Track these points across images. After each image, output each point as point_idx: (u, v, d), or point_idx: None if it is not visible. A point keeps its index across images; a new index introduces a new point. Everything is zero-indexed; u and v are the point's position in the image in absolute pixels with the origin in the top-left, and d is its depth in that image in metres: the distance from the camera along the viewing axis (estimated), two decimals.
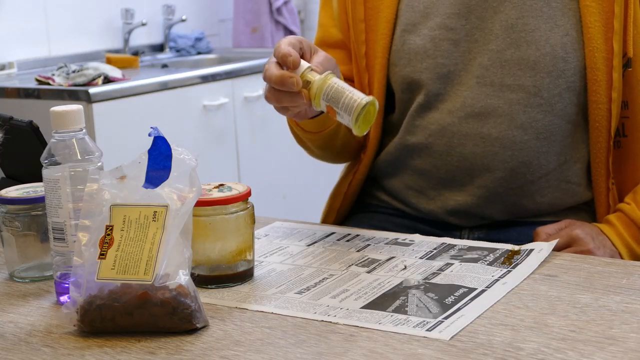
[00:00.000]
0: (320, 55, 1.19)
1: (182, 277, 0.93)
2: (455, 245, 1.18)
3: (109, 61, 3.28)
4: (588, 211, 1.34)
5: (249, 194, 1.07)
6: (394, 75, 1.36)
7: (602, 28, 1.24)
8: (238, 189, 1.07)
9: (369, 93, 1.38)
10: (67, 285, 1.00)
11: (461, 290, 1.01)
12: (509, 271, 1.06)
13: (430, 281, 1.05)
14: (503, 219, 1.33)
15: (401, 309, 0.96)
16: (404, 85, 1.35)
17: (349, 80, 1.41)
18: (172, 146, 0.95)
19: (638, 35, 1.25)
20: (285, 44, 1.14)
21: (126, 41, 3.59)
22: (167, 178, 0.96)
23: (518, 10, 1.28)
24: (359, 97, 1.10)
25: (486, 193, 1.30)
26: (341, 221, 1.45)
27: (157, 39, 3.79)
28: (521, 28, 1.28)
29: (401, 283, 1.04)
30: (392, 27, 1.36)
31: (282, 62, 1.13)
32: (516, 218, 1.34)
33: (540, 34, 1.27)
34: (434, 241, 1.20)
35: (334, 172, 1.54)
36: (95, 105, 2.73)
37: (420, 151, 1.34)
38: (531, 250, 1.13)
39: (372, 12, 1.37)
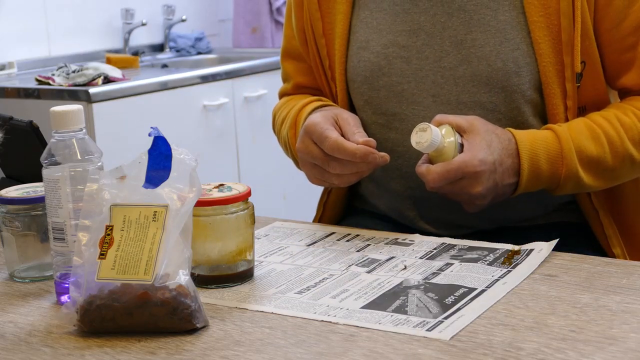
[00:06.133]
0: (351, 122, 1.24)
1: (182, 277, 0.93)
2: (455, 245, 1.18)
3: (109, 61, 3.28)
4: (575, 210, 1.33)
5: (249, 194, 1.07)
6: (353, 91, 1.36)
7: (551, 42, 1.22)
8: (238, 189, 1.07)
9: (336, 104, 1.38)
10: (67, 285, 1.00)
11: (461, 290, 1.01)
12: (509, 271, 1.06)
13: (430, 281, 1.05)
14: (492, 227, 1.33)
15: (401, 309, 0.96)
16: (361, 102, 1.35)
17: (312, 89, 1.44)
18: (172, 146, 0.95)
19: (591, 46, 1.23)
20: (345, 142, 1.19)
21: (126, 41, 3.59)
22: (167, 178, 0.96)
23: (466, 26, 1.26)
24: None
25: (463, 209, 1.26)
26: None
27: (157, 39, 3.80)
28: (470, 44, 1.25)
29: (401, 283, 1.04)
30: (346, 43, 1.35)
31: (365, 161, 1.18)
32: (506, 224, 1.33)
33: (490, 49, 1.24)
34: (434, 241, 1.20)
35: None
36: (95, 105, 2.73)
37: (392, 173, 1.34)
38: (531, 250, 1.13)
39: (330, 26, 1.36)
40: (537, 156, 1.20)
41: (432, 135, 1.14)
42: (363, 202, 1.45)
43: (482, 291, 1.00)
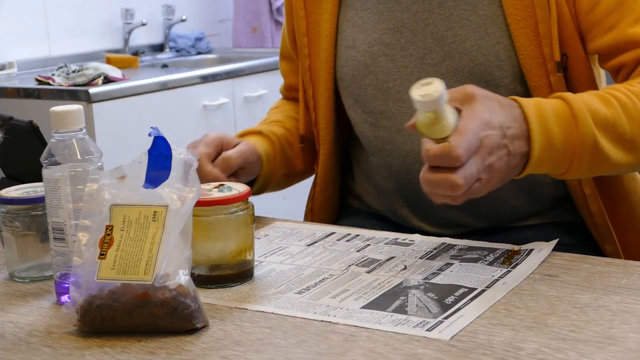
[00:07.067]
0: (243, 145, 1.31)
1: (182, 277, 0.93)
2: (455, 245, 1.18)
3: (109, 61, 3.28)
4: (572, 209, 1.32)
5: (249, 193, 1.07)
6: (343, 90, 1.37)
7: (530, 34, 1.21)
8: (238, 189, 1.07)
9: (314, 106, 1.40)
10: (67, 285, 1.00)
11: (461, 290, 1.01)
12: (509, 271, 1.06)
13: (430, 281, 1.05)
14: (486, 226, 1.32)
15: (401, 309, 0.96)
16: (351, 101, 1.35)
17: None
18: (172, 146, 0.95)
19: (570, 37, 1.22)
20: (206, 163, 1.26)
21: (126, 41, 3.59)
22: (167, 178, 0.96)
23: (447, 22, 1.26)
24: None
25: (455, 205, 1.18)
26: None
27: (157, 39, 3.80)
28: (452, 39, 1.25)
29: (401, 283, 1.04)
30: (334, 41, 1.36)
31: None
32: (501, 224, 1.33)
33: (471, 44, 1.24)
34: (434, 241, 1.20)
35: None
36: (95, 105, 2.73)
37: (383, 172, 1.34)
38: (531, 250, 1.13)
39: (314, 25, 1.37)
40: (545, 119, 1.08)
41: (441, 86, 0.97)
42: (359, 201, 1.45)
43: (482, 291, 1.00)
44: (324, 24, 1.36)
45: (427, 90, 0.97)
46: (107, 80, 2.85)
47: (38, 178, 1.06)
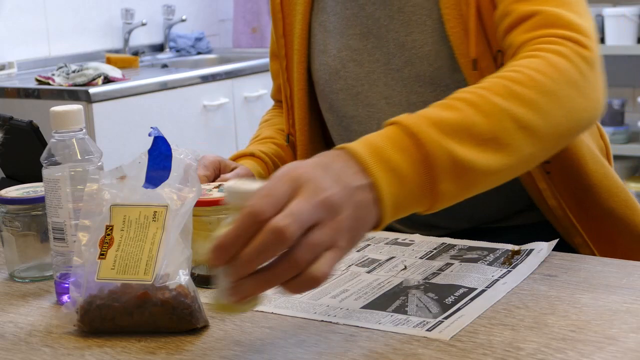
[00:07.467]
0: (241, 169, 1.29)
1: (182, 277, 0.93)
2: (455, 245, 1.18)
3: (109, 61, 3.28)
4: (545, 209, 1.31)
5: None
6: (318, 94, 1.38)
7: (461, 33, 1.20)
8: None
9: (291, 106, 1.41)
10: (67, 285, 1.00)
11: (461, 290, 1.01)
12: (509, 271, 1.06)
13: (430, 281, 1.05)
14: (465, 228, 1.32)
15: (401, 309, 0.96)
16: (326, 105, 1.37)
17: None
18: (172, 146, 0.95)
19: (496, 33, 1.17)
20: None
21: (126, 41, 3.59)
22: (167, 178, 0.96)
23: (406, 27, 1.26)
24: None
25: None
26: None
27: (157, 39, 3.80)
28: (411, 45, 1.25)
29: (401, 283, 1.04)
30: (306, 44, 1.36)
31: None
32: (483, 224, 1.33)
33: (429, 48, 1.24)
34: (434, 241, 1.20)
35: None
36: (95, 105, 2.73)
37: None
38: (531, 250, 1.13)
39: (289, 27, 1.38)
40: (376, 148, 0.89)
41: (257, 183, 0.81)
42: None
43: (482, 291, 1.00)
44: (297, 26, 1.37)
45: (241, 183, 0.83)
46: (107, 80, 2.85)
47: (38, 178, 1.06)
